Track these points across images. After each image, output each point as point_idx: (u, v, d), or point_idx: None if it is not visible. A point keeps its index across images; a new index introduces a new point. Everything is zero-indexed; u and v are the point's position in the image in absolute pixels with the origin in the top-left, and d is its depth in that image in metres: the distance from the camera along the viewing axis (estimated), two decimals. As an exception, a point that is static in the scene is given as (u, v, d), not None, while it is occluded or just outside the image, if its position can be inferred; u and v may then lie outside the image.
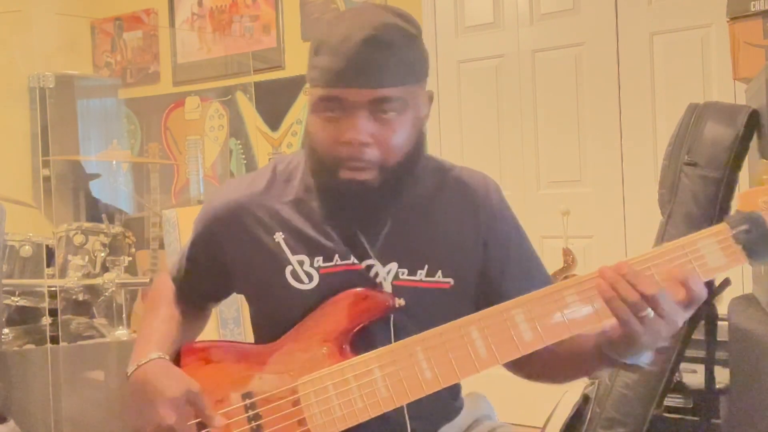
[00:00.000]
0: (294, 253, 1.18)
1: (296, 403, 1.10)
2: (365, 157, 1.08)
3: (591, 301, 1.02)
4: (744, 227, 1.00)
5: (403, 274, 1.17)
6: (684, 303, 0.98)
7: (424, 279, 1.17)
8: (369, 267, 1.16)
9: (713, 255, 1.00)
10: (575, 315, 1.03)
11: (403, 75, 1.08)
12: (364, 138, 1.07)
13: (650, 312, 0.96)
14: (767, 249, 1.00)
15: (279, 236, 1.19)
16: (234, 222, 1.21)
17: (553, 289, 1.04)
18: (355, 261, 1.17)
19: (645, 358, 1.04)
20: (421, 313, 1.13)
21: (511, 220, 1.26)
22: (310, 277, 1.17)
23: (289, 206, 1.20)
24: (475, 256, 1.21)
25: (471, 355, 1.04)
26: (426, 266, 1.18)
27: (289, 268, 1.17)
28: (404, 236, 1.18)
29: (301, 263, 1.17)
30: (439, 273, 1.18)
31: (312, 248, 1.18)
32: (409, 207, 1.19)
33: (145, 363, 1.14)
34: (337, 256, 1.17)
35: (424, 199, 1.21)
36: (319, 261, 1.17)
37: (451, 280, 1.18)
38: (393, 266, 1.17)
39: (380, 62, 1.06)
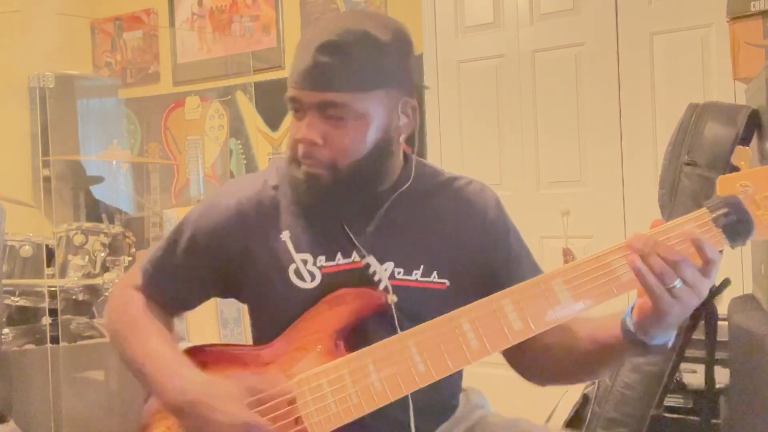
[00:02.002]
0: (298, 251, 1.19)
1: (291, 401, 1.10)
2: (314, 155, 1.14)
3: (577, 288, 1.03)
4: (723, 211, 1.01)
5: (399, 273, 1.18)
6: (704, 269, 0.98)
7: (419, 279, 1.19)
8: (368, 265, 1.17)
9: None
10: (563, 303, 1.03)
11: (355, 82, 1.11)
12: (313, 137, 1.13)
13: (678, 283, 0.96)
14: (746, 232, 1.01)
15: (285, 235, 1.20)
16: (242, 223, 1.21)
17: (541, 278, 1.06)
18: (357, 259, 1.18)
19: (669, 339, 1.04)
20: (418, 312, 1.13)
21: (511, 230, 1.28)
22: (312, 276, 1.18)
23: (295, 206, 1.21)
24: (472, 260, 1.23)
25: (463, 347, 1.05)
26: (422, 266, 1.19)
27: (292, 267, 1.18)
28: (399, 236, 1.20)
29: (305, 262, 1.18)
30: (435, 274, 1.19)
31: (315, 247, 1.19)
32: (402, 208, 1.21)
33: (190, 387, 1.10)
34: (339, 254, 1.18)
35: (418, 202, 1.23)
36: (321, 260, 1.19)
37: (446, 281, 1.20)
38: (389, 265, 1.18)
39: (329, 67, 1.10)
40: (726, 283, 1.74)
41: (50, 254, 3.01)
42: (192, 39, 4.39)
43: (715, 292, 1.75)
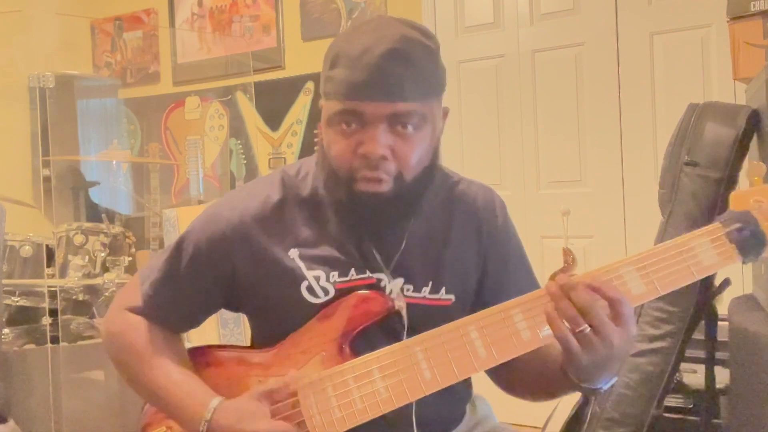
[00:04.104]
0: (309, 268, 1.16)
1: (295, 405, 1.09)
2: (382, 169, 1.08)
3: None
4: (736, 226, 1.01)
5: (408, 290, 1.17)
6: (614, 320, 0.97)
7: (428, 296, 1.17)
8: (380, 280, 1.16)
9: (707, 254, 1.01)
10: None
11: (422, 89, 1.08)
12: (383, 151, 1.06)
13: (586, 328, 0.96)
14: (759, 247, 1.01)
15: (294, 253, 1.16)
16: (246, 238, 1.17)
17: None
18: (370, 275, 1.16)
19: (603, 384, 1.03)
20: (421, 329, 1.10)
21: (513, 238, 1.27)
22: (326, 291, 1.15)
23: (302, 220, 1.18)
24: (475, 271, 1.22)
25: (470, 355, 1.05)
26: (431, 283, 1.18)
27: (304, 284, 1.15)
28: (414, 252, 1.18)
29: (317, 278, 1.15)
30: (443, 290, 1.18)
31: (328, 263, 1.16)
32: (417, 221, 1.18)
33: (211, 416, 1.09)
34: (353, 270, 1.16)
35: (430, 215, 1.20)
36: (334, 276, 1.15)
37: (453, 297, 1.18)
38: (399, 281, 1.16)
39: (401, 76, 1.05)
40: (726, 283, 1.74)
41: (50, 254, 3.01)
42: (192, 39, 4.39)
43: (715, 292, 1.75)
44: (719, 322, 1.78)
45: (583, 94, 3.26)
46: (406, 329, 1.14)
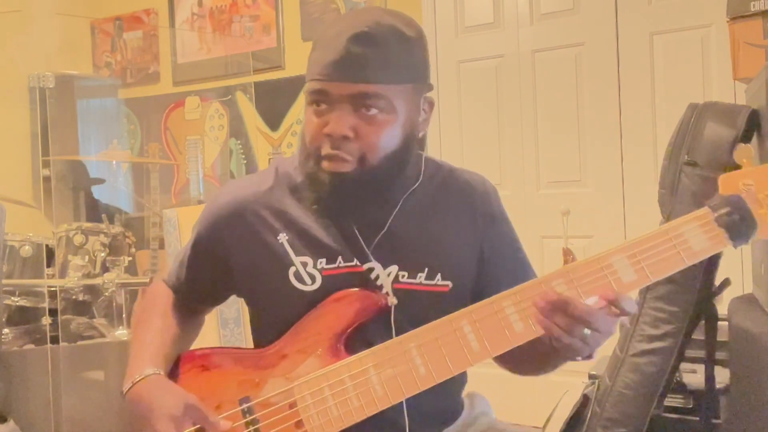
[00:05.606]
0: (298, 254, 1.18)
1: (293, 405, 1.10)
2: (344, 149, 1.10)
3: (579, 290, 1.03)
4: (725, 210, 1.01)
5: (403, 276, 1.18)
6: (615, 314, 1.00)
7: (423, 282, 1.18)
8: (370, 269, 1.17)
9: (696, 239, 1.02)
10: None
11: (388, 74, 1.09)
12: (345, 131, 1.09)
13: (587, 331, 0.99)
14: (748, 231, 1.01)
15: (283, 237, 1.19)
16: (238, 221, 1.21)
17: (542, 280, 1.05)
18: (358, 263, 1.17)
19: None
20: (419, 315, 1.12)
21: (507, 225, 1.28)
22: (312, 278, 1.17)
23: (293, 207, 1.21)
24: (472, 259, 1.23)
25: (464, 349, 1.06)
26: (426, 269, 1.18)
27: (292, 269, 1.17)
28: (404, 239, 1.19)
29: (304, 264, 1.17)
30: (439, 276, 1.19)
31: (315, 250, 1.18)
32: (409, 209, 1.20)
33: (140, 380, 1.15)
34: (340, 257, 1.17)
35: (423, 202, 1.22)
36: (322, 263, 1.17)
37: (449, 283, 1.19)
38: (393, 269, 1.17)
39: (364, 58, 1.07)
40: (726, 283, 1.74)
41: (50, 254, 3.01)
42: (192, 39, 4.39)
43: (715, 292, 1.75)
44: (719, 322, 1.78)
45: (583, 94, 3.26)
46: (392, 324, 1.14)
